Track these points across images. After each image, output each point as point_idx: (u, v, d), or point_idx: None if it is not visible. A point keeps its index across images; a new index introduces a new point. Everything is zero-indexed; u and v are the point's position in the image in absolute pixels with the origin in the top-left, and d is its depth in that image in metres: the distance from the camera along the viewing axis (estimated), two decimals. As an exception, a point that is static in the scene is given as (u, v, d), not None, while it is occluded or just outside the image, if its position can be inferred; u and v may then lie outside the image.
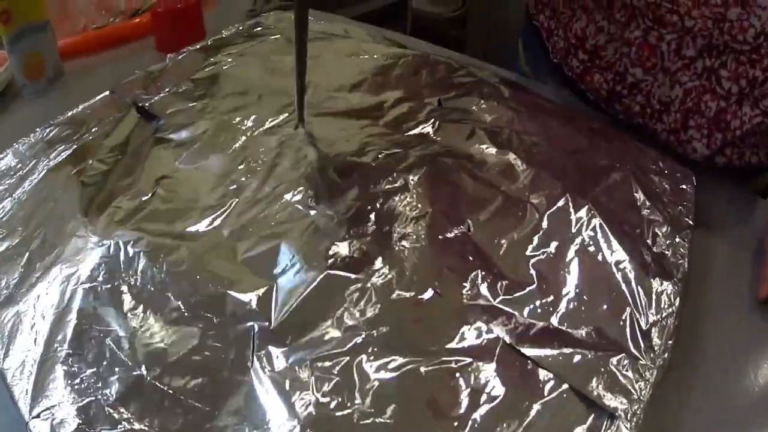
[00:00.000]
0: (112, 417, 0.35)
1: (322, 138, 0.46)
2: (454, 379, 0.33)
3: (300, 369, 0.33)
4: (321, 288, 0.36)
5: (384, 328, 0.34)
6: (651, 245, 0.42)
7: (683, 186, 0.48)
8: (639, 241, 0.42)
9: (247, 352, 0.34)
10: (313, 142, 0.46)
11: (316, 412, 0.32)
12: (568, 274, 0.39)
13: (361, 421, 0.32)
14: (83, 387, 0.36)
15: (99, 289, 0.39)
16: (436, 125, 0.48)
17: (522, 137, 0.48)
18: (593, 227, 0.41)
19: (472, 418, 0.32)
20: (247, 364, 0.34)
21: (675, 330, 0.38)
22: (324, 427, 0.32)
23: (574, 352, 0.35)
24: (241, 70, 0.56)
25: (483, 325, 0.35)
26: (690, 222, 0.45)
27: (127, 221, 0.42)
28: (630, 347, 0.36)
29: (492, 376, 0.33)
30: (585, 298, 0.38)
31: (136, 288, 0.38)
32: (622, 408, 0.33)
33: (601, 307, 0.38)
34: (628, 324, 0.37)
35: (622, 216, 0.43)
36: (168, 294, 0.37)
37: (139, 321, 0.37)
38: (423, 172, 0.42)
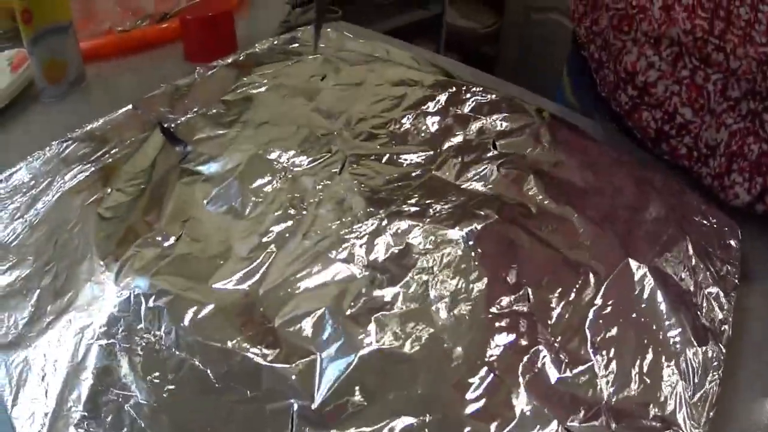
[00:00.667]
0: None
1: (367, 186, 0.42)
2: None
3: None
4: (369, 364, 0.32)
5: (437, 415, 0.31)
6: (701, 311, 0.40)
7: (730, 241, 0.46)
8: (691, 307, 0.40)
9: (286, 435, 0.30)
10: (359, 191, 0.41)
11: None
12: (624, 347, 0.36)
13: None
14: (99, 456, 0.32)
15: (117, 347, 0.35)
16: (492, 173, 0.44)
17: (578, 188, 0.45)
18: (650, 295, 0.39)
19: None
20: (283, 451, 0.30)
21: (717, 399, 0.36)
22: None
23: (627, 428, 0.33)
24: (276, 95, 0.52)
25: (540, 406, 0.32)
26: (736, 282, 0.43)
27: (148, 269, 0.38)
28: (677, 420, 0.34)
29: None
30: (640, 370, 0.35)
31: (159, 350, 0.35)
32: None
33: (655, 381, 0.35)
34: (676, 396, 0.35)
35: (676, 280, 0.41)
36: (195, 360, 0.33)
37: (162, 388, 0.33)
38: (480, 230, 0.39)
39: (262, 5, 0.88)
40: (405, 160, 0.45)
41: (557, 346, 0.34)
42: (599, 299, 0.37)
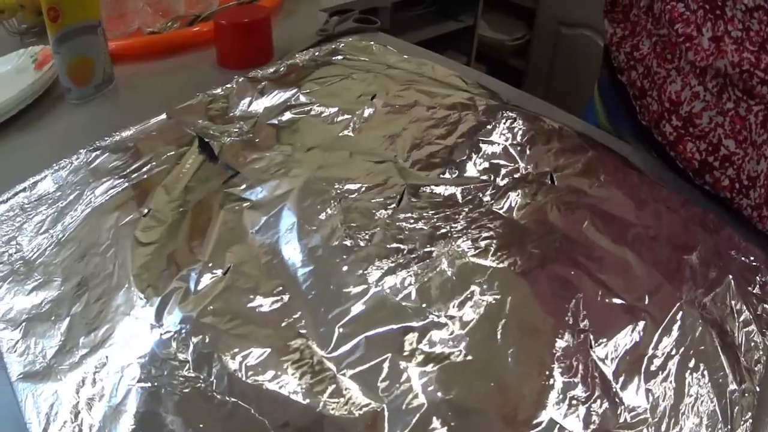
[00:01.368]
0: None
1: (426, 222, 0.40)
2: None
3: None
4: (438, 413, 0.30)
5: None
6: (740, 351, 0.40)
7: (766, 278, 0.45)
8: (733, 347, 0.40)
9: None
10: (415, 227, 0.39)
11: None
12: (677, 394, 0.36)
13: None
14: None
15: (162, 392, 0.33)
16: (551, 207, 0.42)
17: (635, 229, 0.44)
18: (702, 341, 0.38)
19: None
20: None
21: None
22: None
23: None
24: (325, 117, 0.49)
25: None
26: None
27: (195, 305, 0.35)
28: None
29: None
30: (689, 417, 0.35)
31: (210, 397, 0.32)
32: None
33: (701, 420, 0.35)
34: None
35: (723, 323, 0.41)
36: (251, 410, 0.31)
37: (212, 441, 0.31)
38: (542, 272, 0.37)
39: (296, 13, 0.86)
40: (463, 192, 0.42)
41: (616, 393, 0.34)
42: (655, 345, 0.37)
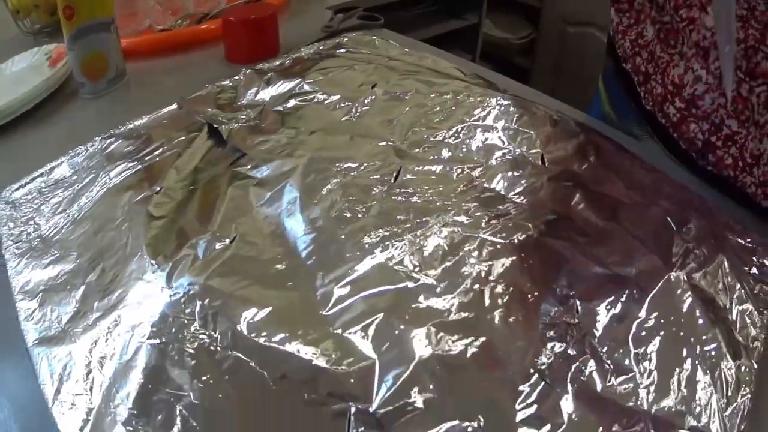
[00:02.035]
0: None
1: (420, 196, 0.43)
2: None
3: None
4: (426, 369, 0.33)
5: (490, 420, 0.32)
6: (735, 327, 0.41)
7: (764, 260, 0.47)
8: (726, 323, 0.41)
9: (342, 438, 0.31)
10: (410, 197, 0.42)
11: None
12: (664, 359, 0.38)
13: None
14: (148, 456, 0.33)
15: (170, 348, 0.36)
16: (542, 187, 0.44)
17: (624, 205, 0.46)
18: (689, 310, 0.40)
19: None
20: (340, 453, 0.31)
21: (749, 412, 0.37)
22: None
23: None
24: (327, 104, 0.53)
25: (586, 411, 0.33)
26: None
27: (202, 270, 0.38)
28: (711, 431, 0.35)
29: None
30: (678, 381, 0.37)
31: (214, 352, 0.35)
32: None
33: (692, 392, 0.36)
34: (711, 407, 0.36)
35: (713, 296, 0.42)
36: (252, 363, 0.34)
37: (217, 390, 0.34)
38: (531, 243, 0.40)
39: (303, 10, 0.89)
40: (457, 170, 0.45)
41: (603, 356, 0.36)
42: (643, 313, 0.39)
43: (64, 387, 0.37)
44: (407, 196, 0.42)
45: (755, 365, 0.39)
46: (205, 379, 0.34)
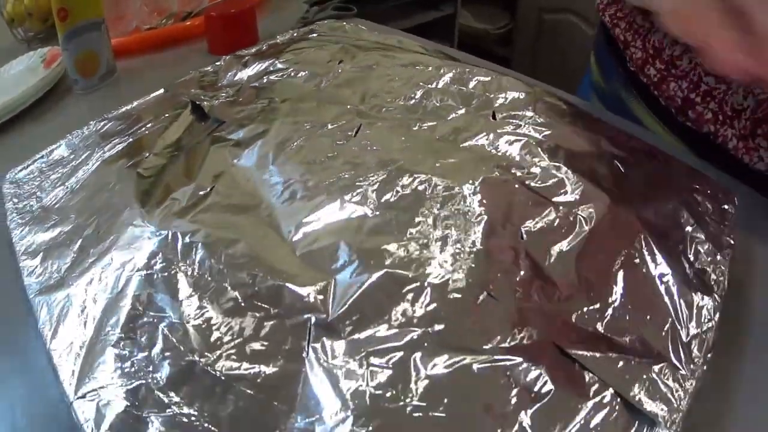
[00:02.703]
0: (162, 401, 0.37)
1: (378, 144, 0.49)
2: (504, 377, 0.35)
3: (354, 361, 0.36)
4: (378, 285, 0.38)
5: (438, 326, 0.36)
6: (693, 261, 0.44)
7: (725, 206, 0.50)
8: (682, 256, 0.44)
9: (303, 343, 0.37)
10: (369, 147, 0.48)
11: (369, 402, 0.34)
12: (614, 284, 0.41)
13: (414, 414, 0.34)
14: (133, 370, 0.38)
15: (155, 276, 0.41)
16: (491, 137, 0.50)
17: (572, 152, 0.51)
18: (639, 240, 0.44)
19: (522, 415, 0.34)
20: (302, 354, 0.36)
21: (713, 344, 0.40)
22: (377, 418, 0.34)
23: (619, 358, 0.37)
24: (298, 78, 0.59)
25: (533, 328, 0.37)
26: (731, 241, 0.47)
27: (185, 213, 0.44)
28: (671, 357, 0.38)
29: (541, 376, 0.35)
30: (629, 307, 0.40)
31: (192, 277, 0.41)
32: (662, 415, 0.35)
33: (645, 318, 0.40)
34: (669, 335, 0.39)
35: (666, 231, 0.45)
36: (225, 284, 0.40)
37: (194, 309, 0.40)
38: (479, 181, 0.45)
39: (282, 6, 0.97)
40: (414, 127, 0.51)
41: (551, 277, 0.40)
42: (591, 245, 0.43)
43: (62, 326, 0.42)
44: (368, 146, 0.48)
45: (718, 300, 0.42)
46: (183, 299, 0.40)
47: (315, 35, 0.70)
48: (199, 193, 0.46)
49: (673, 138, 0.66)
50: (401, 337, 0.36)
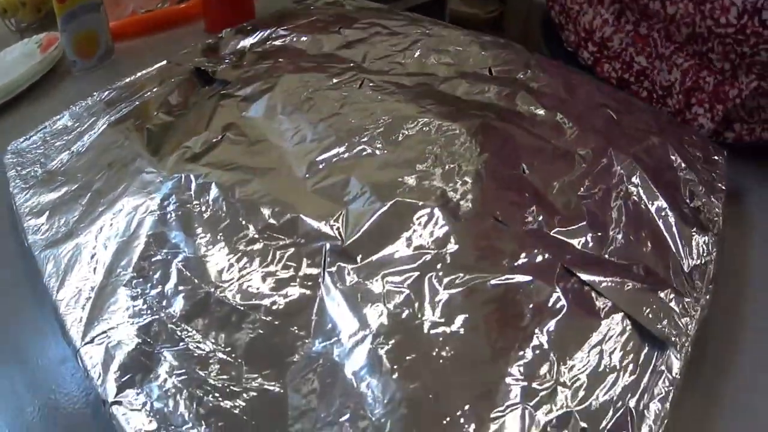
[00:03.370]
0: (176, 334, 0.37)
1: (382, 95, 0.51)
2: (519, 294, 0.36)
3: (370, 283, 0.37)
4: (390, 213, 0.40)
5: (450, 249, 0.38)
6: (688, 201, 0.46)
7: (715, 157, 0.52)
8: (677, 194, 0.46)
9: (319, 269, 0.38)
10: (374, 98, 0.50)
11: (387, 322, 0.35)
12: (615, 215, 0.43)
13: (431, 330, 0.35)
14: (145, 307, 0.39)
15: (169, 216, 0.43)
16: (490, 90, 0.52)
17: (567, 101, 0.53)
18: (636, 177, 0.45)
19: (537, 331, 0.35)
20: (318, 280, 0.37)
21: (714, 276, 0.41)
22: (395, 336, 0.35)
23: (626, 282, 0.38)
24: (301, 42, 0.62)
25: (541, 251, 0.39)
26: (723, 187, 0.49)
27: (197, 159, 0.46)
28: (675, 285, 0.39)
29: (553, 294, 0.37)
30: (630, 238, 0.42)
31: (206, 214, 0.42)
32: (672, 338, 0.36)
33: (646, 247, 0.41)
34: (671, 265, 0.41)
35: (660, 172, 0.47)
36: (240, 219, 0.41)
37: (209, 243, 0.41)
38: (480, 123, 0.47)
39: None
40: (414, 81, 0.53)
41: (554, 205, 0.42)
42: (589, 180, 0.45)
43: (70, 276, 0.42)
44: (373, 97, 0.50)
45: (715, 235, 0.44)
46: (199, 233, 0.41)
47: (312, 8, 0.72)
48: (212, 140, 0.48)
49: None
50: (415, 259, 0.38)
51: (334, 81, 0.53)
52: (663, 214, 0.44)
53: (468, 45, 0.60)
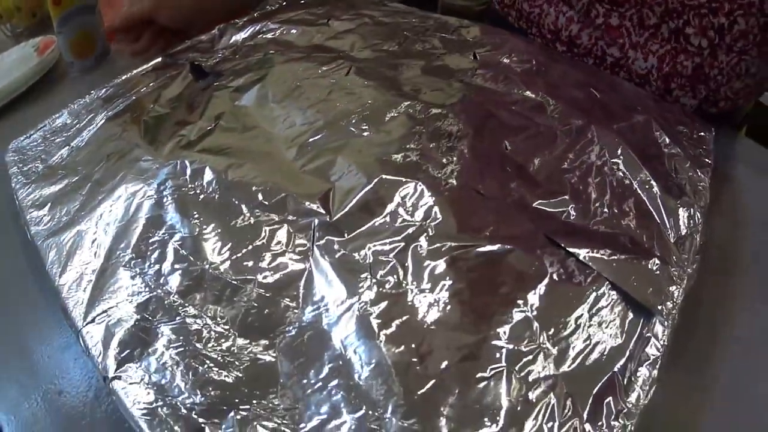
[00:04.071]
0: (173, 309, 0.40)
1: (369, 80, 0.54)
2: (501, 262, 0.38)
3: (357, 254, 0.39)
4: (375, 189, 0.42)
5: (434, 221, 0.40)
6: (673, 175, 0.48)
7: (702, 133, 0.54)
8: (661, 168, 0.48)
9: (308, 243, 0.40)
10: (361, 84, 0.52)
11: (374, 290, 0.37)
12: (598, 188, 0.45)
13: (416, 297, 0.37)
14: (143, 285, 0.41)
15: (165, 200, 0.45)
16: (475, 71, 0.54)
17: (549, 82, 0.55)
18: (620, 152, 0.47)
19: (520, 296, 0.37)
20: (308, 253, 0.40)
21: (701, 247, 0.43)
22: (381, 302, 0.37)
23: (612, 252, 0.40)
24: (291, 34, 0.64)
25: (524, 220, 0.41)
26: (709, 162, 0.51)
27: (192, 146, 0.49)
28: (662, 255, 0.41)
29: (535, 262, 0.39)
30: (615, 210, 0.44)
31: (201, 196, 0.45)
32: (659, 306, 0.38)
33: (631, 219, 0.43)
34: (656, 236, 0.43)
35: (644, 147, 0.49)
36: (233, 199, 0.43)
37: (203, 223, 0.43)
38: (464, 102, 0.50)
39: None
40: (401, 66, 0.56)
41: (536, 178, 0.45)
42: (572, 155, 0.47)
43: (72, 261, 0.44)
44: (359, 83, 0.53)
45: (701, 207, 0.45)
46: (195, 214, 0.43)
47: (302, 1, 0.74)
48: (206, 128, 0.50)
49: None
50: (400, 231, 0.40)
51: (323, 69, 0.55)
52: (647, 186, 0.46)
53: (453, 32, 0.62)
